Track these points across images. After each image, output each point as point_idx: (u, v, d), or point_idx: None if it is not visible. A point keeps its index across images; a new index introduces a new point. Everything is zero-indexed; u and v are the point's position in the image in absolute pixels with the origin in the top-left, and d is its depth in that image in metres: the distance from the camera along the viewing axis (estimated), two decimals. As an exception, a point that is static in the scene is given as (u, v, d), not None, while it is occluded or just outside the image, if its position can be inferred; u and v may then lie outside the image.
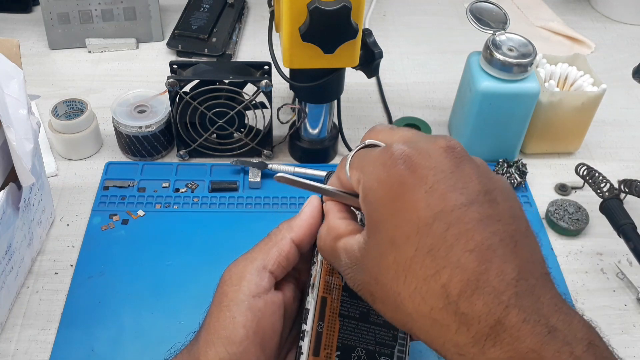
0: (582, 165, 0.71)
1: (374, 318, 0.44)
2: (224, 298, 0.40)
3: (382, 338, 0.43)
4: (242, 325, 0.39)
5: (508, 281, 0.31)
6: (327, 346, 0.42)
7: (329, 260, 0.41)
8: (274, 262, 0.42)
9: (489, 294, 0.31)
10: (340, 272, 0.39)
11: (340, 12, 0.58)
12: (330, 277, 0.43)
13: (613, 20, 1.04)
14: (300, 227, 0.43)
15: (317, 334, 0.42)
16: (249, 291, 0.40)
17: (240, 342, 0.39)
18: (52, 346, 0.57)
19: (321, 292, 0.43)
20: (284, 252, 0.42)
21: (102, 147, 0.77)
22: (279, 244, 0.42)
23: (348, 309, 0.43)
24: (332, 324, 0.42)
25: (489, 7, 0.72)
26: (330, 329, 0.42)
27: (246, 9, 1.02)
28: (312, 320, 0.42)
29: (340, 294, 0.43)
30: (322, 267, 0.43)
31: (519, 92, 0.70)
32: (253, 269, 0.41)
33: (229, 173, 0.74)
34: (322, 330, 0.42)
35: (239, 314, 0.39)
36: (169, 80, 0.69)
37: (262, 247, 0.42)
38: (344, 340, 0.42)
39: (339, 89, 0.70)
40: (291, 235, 0.42)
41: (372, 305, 0.37)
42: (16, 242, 0.58)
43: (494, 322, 0.30)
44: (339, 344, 0.42)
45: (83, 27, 0.91)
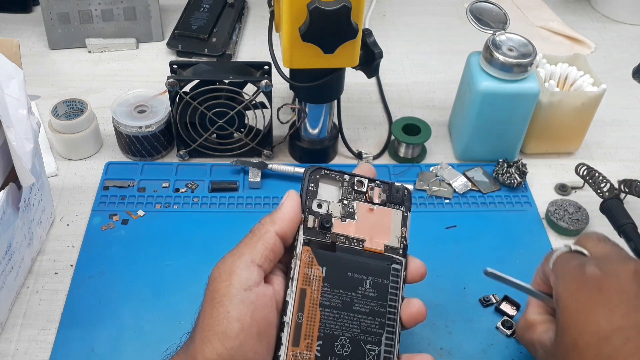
0: (582, 165, 0.71)
1: (359, 307, 0.44)
2: (216, 294, 0.41)
3: (367, 326, 0.44)
4: (236, 319, 0.40)
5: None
6: (307, 336, 0.43)
7: (526, 348, 0.49)
8: (261, 255, 0.43)
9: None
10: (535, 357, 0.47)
11: (340, 12, 0.58)
12: (309, 269, 0.44)
13: (613, 20, 1.04)
14: (283, 220, 0.44)
15: (297, 324, 0.43)
16: (240, 285, 0.41)
17: (236, 335, 0.39)
18: (52, 346, 0.57)
19: (300, 284, 0.44)
20: (270, 245, 0.43)
21: (102, 147, 0.77)
22: (263, 238, 0.43)
23: (329, 299, 0.44)
24: (312, 315, 0.43)
25: (489, 7, 0.72)
26: (311, 320, 0.43)
27: (246, 9, 1.02)
28: (291, 312, 0.43)
29: (321, 285, 0.44)
30: (301, 260, 0.44)
31: (519, 92, 0.70)
32: (241, 264, 0.42)
33: (229, 173, 0.74)
34: (301, 321, 0.43)
35: (233, 308, 0.40)
36: (169, 80, 0.69)
37: (247, 242, 0.43)
38: (325, 330, 0.43)
39: (339, 89, 0.70)
40: (275, 229, 0.44)
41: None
42: (16, 242, 0.58)
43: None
44: (320, 333, 0.43)
45: (83, 27, 0.91)
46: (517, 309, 0.60)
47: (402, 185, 0.49)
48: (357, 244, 0.46)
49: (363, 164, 0.51)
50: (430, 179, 0.74)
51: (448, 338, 0.59)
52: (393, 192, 0.48)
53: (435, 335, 0.59)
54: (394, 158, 0.78)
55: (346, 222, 0.46)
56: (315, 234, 0.45)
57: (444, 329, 0.59)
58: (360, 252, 0.46)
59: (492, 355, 0.58)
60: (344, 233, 0.46)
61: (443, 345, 0.58)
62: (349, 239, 0.46)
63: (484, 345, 0.58)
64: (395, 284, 0.46)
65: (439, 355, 0.58)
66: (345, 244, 0.46)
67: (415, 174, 0.75)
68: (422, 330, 0.59)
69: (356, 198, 0.47)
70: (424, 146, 0.78)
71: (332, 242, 0.45)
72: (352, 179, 0.48)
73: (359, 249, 0.46)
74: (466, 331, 0.60)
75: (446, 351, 0.58)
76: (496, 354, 0.58)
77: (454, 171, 0.74)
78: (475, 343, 0.59)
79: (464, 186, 0.73)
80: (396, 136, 0.75)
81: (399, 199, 0.48)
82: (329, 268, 0.45)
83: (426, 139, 0.75)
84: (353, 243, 0.46)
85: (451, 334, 0.59)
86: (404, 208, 0.48)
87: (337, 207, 0.47)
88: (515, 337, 0.51)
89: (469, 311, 0.61)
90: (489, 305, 0.61)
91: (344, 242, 0.46)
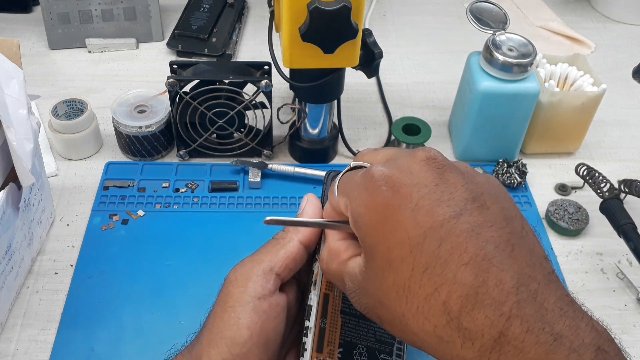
0: (582, 165, 0.71)
1: None
2: (229, 299, 0.40)
3: (381, 336, 0.44)
4: (246, 326, 0.39)
5: (508, 290, 0.31)
6: (330, 343, 0.42)
7: (335, 284, 0.41)
8: (282, 264, 0.41)
9: (489, 306, 0.30)
10: (347, 296, 0.39)
11: (340, 12, 0.58)
12: None
13: (613, 20, 1.04)
14: (306, 228, 0.42)
15: (320, 330, 0.42)
16: (255, 293, 0.40)
17: (244, 343, 0.39)
18: (52, 346, 0.57)
19: (323, 289, 0.43)
20: (292, 254, 0.42)
21: (102, 147, 0.77)
22: (287, 247, 0.42)
23: (349, 306, 0.43)
24: (335, 321, 0.42)
25: (489, 7, 0.72)
26: (333, 326, 0.42)
27: (246, 9, 1.02)
28: (315, 317, 0.42)
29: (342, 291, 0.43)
30: None
31: (519, 92, 0.70)
32: (259, 271, 0.41)
33: (229, 173, 0.74)
34: (325, 326, 0.42)
35: (244, 315, 0.39)
36: (169, 80, 0.69)
37: (269, 249, 0.42)
38: (345, 337, 0.42)
39: (339, 89, 0.70)
40: (299, 237, 0.42)
41: (382, 327, 0.37)
42: (16, 242, 0.58)
43: (497, 334, 0.30)
44: (341, 340, 0.42)
45: (83, 27, 0.91)
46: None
47: None
48: None
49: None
50: (430, 179, 0.74)
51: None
52: None
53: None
54: (394, 158, 0.77)
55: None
56: None
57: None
58: None
59: (492, 355, 0.58)
60: None
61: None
62: None
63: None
64: None
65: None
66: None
67: (415, 174, 0.75)
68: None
69: None
70: (424, 146, 0.78)
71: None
72: None
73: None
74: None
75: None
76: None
77: (454, 171, 0.74)
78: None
79: (464, 186, 0.73)
80: (396, 136, 0.75)
81: None
82: None
83: (426, 139, 0.75)
84: None
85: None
86: None
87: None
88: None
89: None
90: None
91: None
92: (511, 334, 0.30)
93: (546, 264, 0.33)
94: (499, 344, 0.30)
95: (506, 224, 0.33)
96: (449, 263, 0.31)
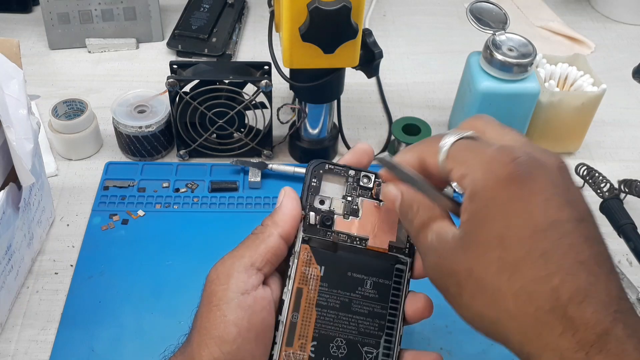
0: (582, 165, 0.71)
1: (357, 308, 0.44)
2: (213, 298, 0.40)
3: (366, 328, 0.43)
4: (233, 323, 0.39)
5: (613, 297, 0.33)
6: (301, 336, 0.42)
7: (409, 233, 0.41)
8: (262, 259, 0.42)
9: (599, 304, 0.32)
10: (419, 251, 0.40)
11: (340, 12, 0.58)
12: (307, 267, 0.43)
13: (613, 20, 1.04)
14: (285, 222, 0.43)
15: (291, 324, 0.42)
16: (238, 289, 0.40)
17: (233, 340, 0.39)
18: (52, 346, 0.57)
19: (296, 283, 0.43)
20: (273, 248, 0.42)
21: (102, 147, 0.77)
22: (266, 241, 0.42)
23: (327, 299, 0.43)
24: (308, 315, 0.43)
25: (489, 7, 0.72)
26: (306, 320, 0.42)
27: (246, 9, 1.02)
28: (286, 311, 0.42)
29: (319, 284, 0.43)
30: (299, 258, 0.43)
31: (519, 92, 0.70)
32: (240, 267, 0.41)
33: (229, 173, 0.74)
34: (296, 320, 0.42)
35: (230, 312, 0.39)
36: (169, 80, 0.69)
37: (248, 245, 0.43)
38: (321, 330, 0.43)
39: (339, 89, 0.70)
40: (278, 231, 0.43)
41: (448, 296, 0.38)
42: (16, 242, 0.58)
43: (602, 331, 0.32)
44: (315, 334, 0.42)
45: (83, 27, 0.91)
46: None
47: None
48: (360, 243, 0.45)
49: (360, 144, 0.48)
50: (430, 179, 0.74)
51: (448, 338, 0.59)
52: None
53: (435, 335, 0.59)
54: (394, 158, 0.77)
55: (349, 219, 0.45)
56: (315, 232, 0.44)
57: (444, 329, 0.59)
58: (363, 251, 0.45)
59: (492, 355, 0.58)
60: (345, 231, 0.45)
61: (443, 345, 0.58)
62: (351, 237, 0.45)
63: (484, 345, 0.58)
64: (397, 284, 0.45)
65: (439, 355, 0.58)
66: (346, 242, 0.45)
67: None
68: (422, 330, 0.59)
69: (361, 194, 0.46)
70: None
71: (334, 242, 0.44)
72: (357, 174, 0.46)
73: (361, 247, 0.45)
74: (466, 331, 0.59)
75: (446, 351, 0.58)
76: (496, 354, 0.58)
77: (454, 171, 0.74)
78: (475, 343, 0.59)
79: (464, 186, 0.73)
80: (396, 136, 0.75)
81: None
82: (328, 267, 0.44)
83: (426, 139, 0.75)
84: (355, 242, 0.45)
85: (451, 334, 0.59)
86: None
87: (339, 203, 0.45)
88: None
89: (469, 311, 0.61)
90: (489, 305, 0.61)
91: (345, 240, 0.45)
92: (615, 334, 0.31)
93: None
94: (602, 341, 0.31)
95: (606, 247, 0.35)
96: (567, 256, 0.33)
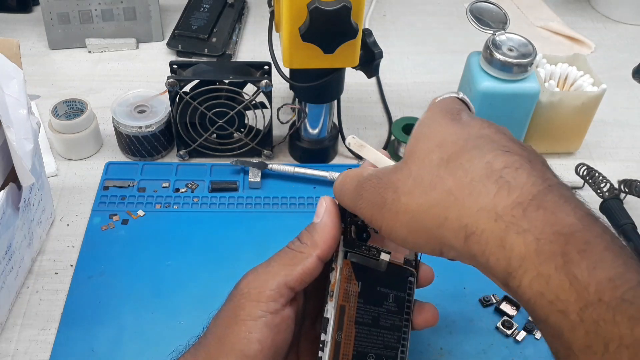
0: (582, 165, 0.71)
1: (383, 322, 0.43)
2: (241, 312, 0.40)
3: (389, 341, 0.43)
4: (257, 340, 0.39)
5: (544, 172, 0.34)
6: (344, 355, 0.41)
7: (343, 191, 0.41)
8: (297, 280, 0.41)
9: (532, 173, 0.33)
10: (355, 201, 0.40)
11: (340, 12, 0.58)
12: (348, 284, 0.42)
13: (613, 20, 1.04)
14: (325, 243, 0.42)
15: (336, 344, 0.41)
16: (268, 308, 0.40)
17: (254, 356, 0.39)
18: (52, 346, 0.57)
19: (340, 300, 0.42)
20: (309, 270, 0.41)
21: (102, 147, 0.77)
22: (304, 262, 0.41)
23: (362, 316, 0.42)
24: (349, 333, 0.42)
25: (489, 7, 0.72)
26: (348, 338, 0.42)
27: (246, 9, 1.02)
28: (331, 330, 0.41)
29: (357, 301, 0.42)
30: (341, 275, 0.42)
31: (519, 92, 0.70)
32: (274, 285, 0.40)
33: (229, 173, 0.74)
34: (340, 340, 0.41)
35: (256, 329, 0.39)
36: (169, 80, 0.69)
37: (285, 262, 0.41)
38: (358, 347, 0.42)
39: (339, 89, 0.70)
40: (317, 252, 0.41)
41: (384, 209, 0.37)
42: (16, 242, 0.58)
43: (537, 192, 0.32)
44: (354, 351, 0.42)
45: (83, 27, 0.91)
46: (517, 309, 0.60)
47: None
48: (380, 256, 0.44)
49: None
50: (430, 179, 0.74)
51: (448, 338, 0.59)
52: None
53: (435, 335, 0.59)
54: (394, 158, 0.77)
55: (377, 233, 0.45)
56: (354, 246, 0.43)
57: (444, 329, 0.59)
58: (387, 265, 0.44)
59: (492, 355, 0.58)
60: (376, 245, 0.44)
61: (443, 345, 0.58)
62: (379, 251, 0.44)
63: (484, 345, 0.58)
64: (409, 296, 0.45)
65: (439, 355, 0.58)
66: (376, 257, 0.44)
67: (415, 174, 0.75)
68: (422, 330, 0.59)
69: None
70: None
71: (373, 257, 0.43)
72: None
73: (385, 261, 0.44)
74: (466, 331, 0.60)
75: (446, 351, 0.58)
76: (496, 354, 0.58)
77: (454, 171, 0.74)
78: (475, 343, 0.59)
79: (464, 186, 0.73)
80: (396, 136, 0.75)
81: None
82: (364, 283, 0.43)
83: (426, 139, 0.75)
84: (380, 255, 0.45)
85: (451, 334, 0.59)
86: None
87: None
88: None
89: (469, 311, 0.61)
90: (489, 305, 0.61)
91: (375, 255, 0.44)
92: (551, 196, 0.32)
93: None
94: (538, 200, 0.32)
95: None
96: (497, 146, 0.35)
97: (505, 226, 0.32)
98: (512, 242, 0.31)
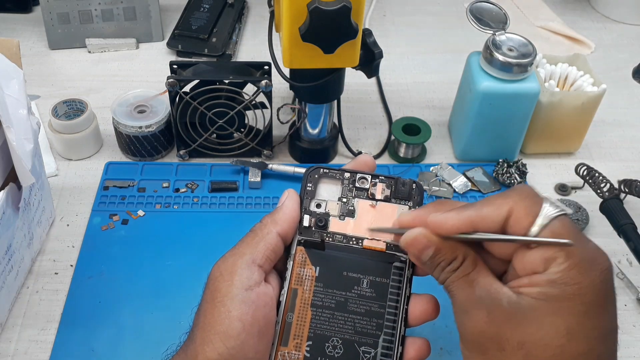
0: (582, 165, 0.71)
1: (354, 307, 0.44)
2: (217, 294, 0.41)
3: (363, 327, 0.44)
4: (237, 318, 0.40)
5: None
6: (296, 336, 0.43)
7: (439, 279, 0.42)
8: (262, 255, 0.43)
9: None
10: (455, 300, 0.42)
11: (340, 12, 0.58)
12: (302, 268, 0.44)
13: (613, 20, 1.04)
14: (284, 221, 0.44)
15: (286, 324, 0.43)
16: (241, 285, 0.41)
17: (237, 335, 0.39)
18: (52, 346, 0.57)
19: (292, 284, 0.44)
20: (271, 245, 0.43)
21: (102, 147, 0.77)
22: (265, 239, 0.43)
23: (322, 299, 0.44)
24: (303, 315, 0.43)
25: (489, 7, 0.72)
26: (301, 320, 0.43)
27: (246, 9, 1.02)
28: (282, 312, 0.43)
29: (314, 285, 0.44)
30: (294, 260, 0.44)
31: (519, 92, 0.70)
32: (243, 263, 0.42)
33: (229, 173, 0.74)
34: (291, 320, 0.43)
35: (234, 307, 0.40)
36: (169, 80, 0.69)
37: (249, 242, 0.43)
38: (316, 330, 0.43)
39: (339, 89, 0.70)
40: (277, 229, 0.44)
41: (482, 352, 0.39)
42: (16, 242, 0.58)
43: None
44: (310, 334, 0.43)
45: (83, 27, 0.91)
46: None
47: (409, 180, 0.47)
48: (355, 243, 0.45)
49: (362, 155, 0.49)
50: (430, 179, 0.74)
51: (448, 338, 0.59)
52: (399, 187, 0.46)
53: (435, 335, 0.59)
54: (394, 158, 0.78)
55: (344, 220, 0.46)
56: (309, 234, 0.45)
57: (444, 329, 0.59)
58: (359, 250, 0.45)
59: (492, 355, 0.58)
60: (341, 232, 0.46)
61: (443, 345, 0.58)
62: (347, 237, 0.45)
63: (484, 345, 0.58)
64: (397, 283, 0.45)
65: (439, 355, 0.58)
66: (342, 242, 0.45)
67: (415, 174, 0.75)
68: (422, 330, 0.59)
69: (357, 195, 0.46)
70: (424, 146, 0.78)
71: (321, 240, 0.45)
72: (353, 176, 0.47)
73: (357, 247, 0.45)
74: (466, 331, 0.60)
75: (446, 351, 0.58)
76: (496, 354, 0.58)
77: (454, 171, 0.74)
78: (475, 343, 0.59)
79: (464, 186, 0.73)
80: (396, 136, 0.75)
81: (405, 193, 0.46)
82: (323, 268, 0.44)
83: (426, 139, 0.75)
84: (351, 241, 0.45)
85: (451, 334, 0.59)
86: (411, 203, 0.46)
87: (335, 205, 0.46)
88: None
89: (469, 311, 0.61)
90: (489, 305, 0.61)
91: (341, 240, 0.45)
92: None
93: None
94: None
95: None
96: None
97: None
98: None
